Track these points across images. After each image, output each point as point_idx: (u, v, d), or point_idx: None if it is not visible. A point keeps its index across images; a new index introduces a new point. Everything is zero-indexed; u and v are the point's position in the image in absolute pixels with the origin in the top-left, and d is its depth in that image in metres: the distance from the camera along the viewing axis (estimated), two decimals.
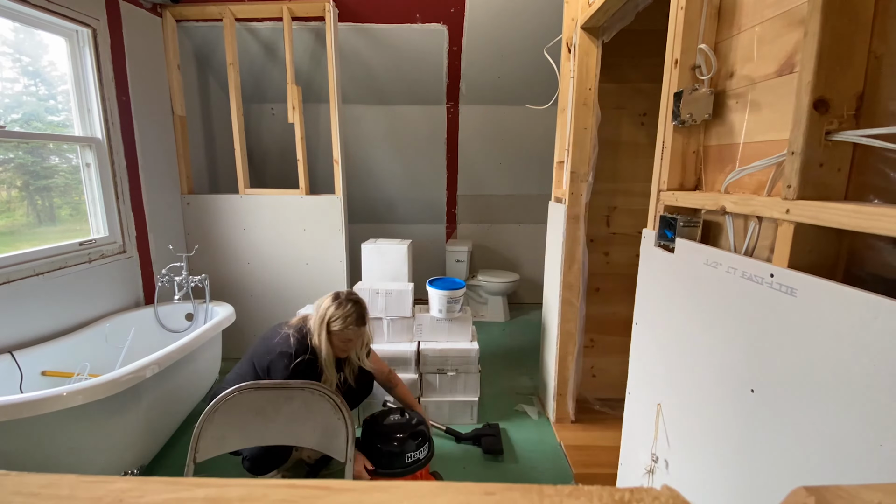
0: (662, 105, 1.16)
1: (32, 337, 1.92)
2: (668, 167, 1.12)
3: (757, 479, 0.82)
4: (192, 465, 1.13)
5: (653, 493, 0.27)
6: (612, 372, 2.50)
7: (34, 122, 2.10)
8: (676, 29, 1.08)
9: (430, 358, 2.23)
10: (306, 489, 0.28)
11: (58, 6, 1.99)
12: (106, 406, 1.58)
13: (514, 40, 3.10)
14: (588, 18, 1.80)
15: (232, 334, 2.90)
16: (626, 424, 1.41)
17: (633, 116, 2.29)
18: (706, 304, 0.97)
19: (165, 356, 1.80)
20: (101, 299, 2.27)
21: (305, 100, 3.17)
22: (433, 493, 0.27)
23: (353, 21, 2.93)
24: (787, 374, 0.74)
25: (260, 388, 1.24)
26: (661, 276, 1.17)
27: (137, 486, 0.28)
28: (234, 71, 2.72)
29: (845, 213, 0.64)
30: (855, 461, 0.62)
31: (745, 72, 0.95)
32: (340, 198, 2.82)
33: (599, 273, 2.42)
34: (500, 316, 3.84)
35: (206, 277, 2.47)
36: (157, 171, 2.65)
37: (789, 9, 0.83)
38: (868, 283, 0.66)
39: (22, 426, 1.41)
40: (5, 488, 0.28)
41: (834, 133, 0.72)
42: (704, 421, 0.98)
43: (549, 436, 2.20)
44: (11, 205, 2.02)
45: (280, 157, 3.86)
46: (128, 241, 2.43)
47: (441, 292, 2.22)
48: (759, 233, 0.89)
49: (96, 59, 2.21)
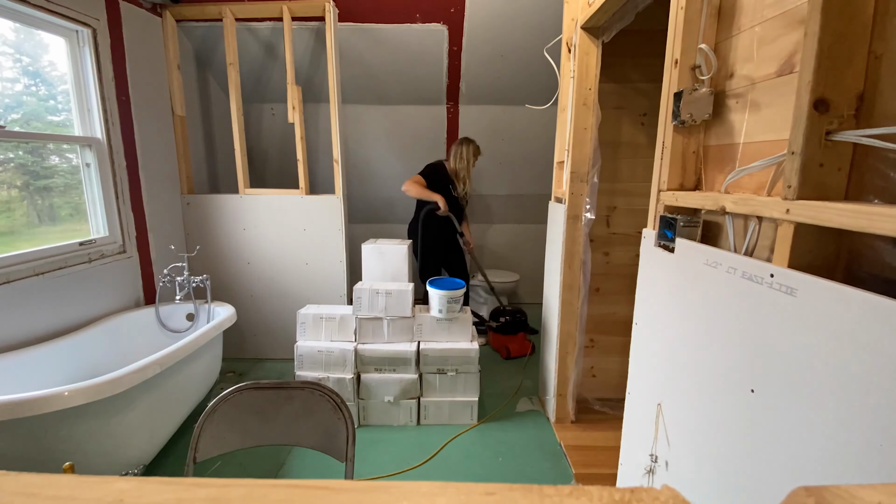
0: (662, 105, 1.16)
1: (32, 337, 1.92)
2: (668, 167, 1.12)
3: (757, 479, 0.82)
4: (192, 465, 1.13)
5: (653, 493, 0.27)
6: (612, 372, 2.50)
7: (34, 122, 2.10)
8: (676, 29, 1.08)
9: (430, 358, 2.23)
10: (306, 489, 0.28)
11: (58, 6, 1.99)
12: (106, 406, 1.58)
13: (514, 40, 3.10)
14: (588, 18, 1.80)
15: (232, 334, 2.90)
16: (626, 424, 1.41)
17: (633, 116, 2.29)
18: (706, 303, 0.97)
19: (167, 356, 1.80)
20: (101, 299, 2.27)
21: (305, 100, 3.17)
22: (433, 493, 0.27)
23: (353, 21, 2.93)
24: (787, 374, 0.74)
25: (260, 388, 1.24)
26: (661, 276, 1.17)
27: (137, 486, 0.28)
28: (234, 71, 2.72)
29: (845, 213, 0.64)
30: (855, 461, 0.62)
31: (745, 72, 0.95)
32: (340, 198, 2.82)
33: (599, 273, 2.42)
34: None
35: (207, 278, 2.47)
36: (157, 171, 2.65)
37: (789, 9, 0.83)
38: (868, 283, 0.66)
39: (22, 426, 1.42)
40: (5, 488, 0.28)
41: (834, 133, 0.72)
42: (704, 421, 0.98)
43: (549, 436, 2.20)
44: (11, 205, 2.02)
45: (280, 157, 3.86)
46: (128, 241, 2.43)
47: (441, 292, 2.22)
48: (759, 233, 0.89)
49: (96, 59, 2.21)
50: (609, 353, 2.49)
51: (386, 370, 2.24)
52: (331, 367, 2.23)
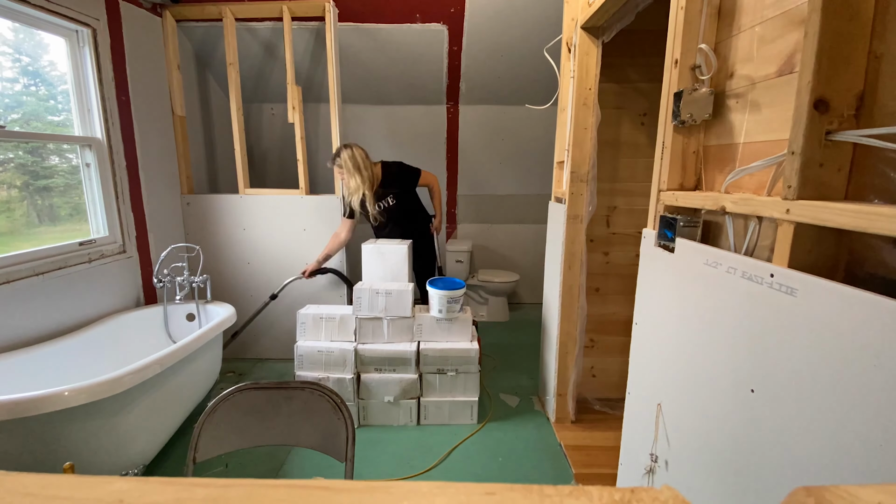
0: (662, 105, 1.16)
1: (32, 337, 1.92)
2: (668, 167, 1.12)
3: (757, 479, 0.82)
4: (192, 465, 1.13)
5: (653, 493, 0.27)
6: (612, 372, 2.50)
7: (34, 122, 2.10)
8: (676, 29, 1.08)
9: (430, 358, 2.23)
10: (306, 489, 0.28)
11: (58, 6, 1.99)
12: (106, 406, 1.58)
13: (514, 40, 3.10)
14: (588, 18, 1.80)
15: None
16: (626, 424, 1.41)
17: (633, 116, 2.29)
18: (706, 303, 0.97)
19: (167, 356, 1.80)
20: (101, 299, 2.27)
21: (305, 100, 3.17)
22: (433, 493, 0.27)
23: (353, 21, 2.93)
24: (788, 374, 0.74)
25: (259, 388, 1.24)
26: (661, 276, 1.17)
27: (137, 486, 0.28)
28: (234, 71, 2.72)
29: (845, 213, 0.64)
30: (855, 461, 0.62)
31: (745, 72, 0.95)
32: (340, 198, 2.82)
33: (599, 273, 2.42)
34: (500, 316, 3.84)
35: (207, 278, 2.47)
36: (157, 171, 2.65)
37: (789, 9, 0.83)
38: (868, 283, 0.66)
39: (22, 426, 1.42)
40: (5, 488, 0.28)
41: (834, 133, 0.72)
42: (704, 421, 0.98)
43: (549, 436, 2.20)
44: (11, 205, 2.02)
45: (280, 157, 3.86)
46: (128, 241, 2.43)
47: (441, 292, 2.22)
48: (759, 233, 0.89)
49: (96, 59, 2.21)
50: (609, 353, 2.49)
51: (386, 370, 2.24)
52: (331, 368, 2.23)
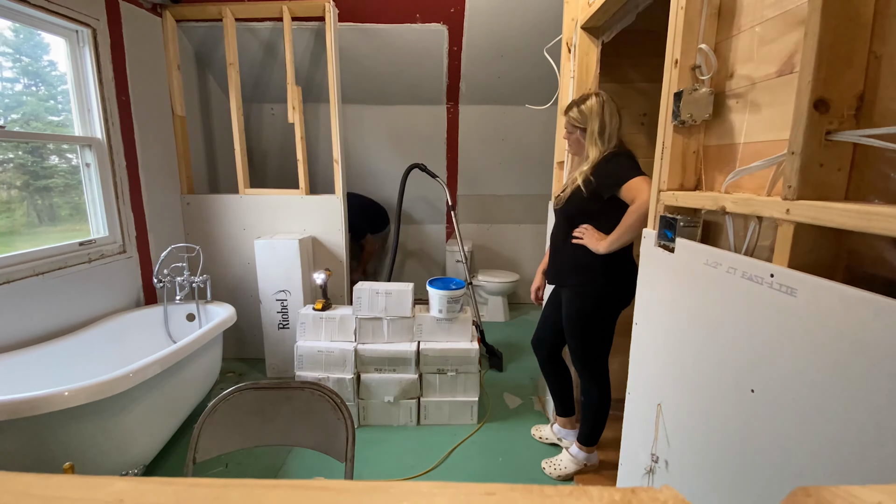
0: (662, 105, 1.16)
1: (32, 337, 1.92)
2: (668, 167, 1.12)
3: (757, 480, 0.82)
4: (192, 465, 1.13)
5: (653, 493, 0.27)
6: (613, 372, 2.49)
7: (34, 122, 2.10)
8: (676, 29, 1.08)
9: (430, 358, 2.23)
10: (306, 489, 0.28)
11: (58, 6, 1.99)
12: (106, 406, 1.58)
13: (513, 40, 3.10)
14: (588, 18, 1.79)
15: (232, 335, 2.90)
16: (626, 424, 1.41)
17: (633, 116, 2.29)
18: (706, 304, 0.97)
19: (167, 356, 1.80)
20: (101, 299, 2.27)
21: (305, 100, 3.17)
22: (433, 493, 0.27)
23: (353, 21, 2.93)
24: (788, 374, 0.74)
25: (259, 388, 1.24)
26: (661, 276, 1.17)
27: (137, 487, 0.28)
28: (234, 71, 2.72)
29: (845, 213, 0.64)
30: (855, 461, 0.62)
31: (745, 72, 0.95)
32: (340, 198, 2.82)
33: None
34: (501, 316, 3.84)
35: (207, 278, 2.47)
36: (157, 171, 2.65)
37: (789, 9, 0.83)
38: (868, 283, 0.66)
39: (22, 426, 1.41)
40: (5, 488, 0.28)
41: (834, 133, 0.72)
42: (704, 421, 0.98)
43: None
44: (11, 205, 2.02)
45: (280, 157, 3.86)
46: (128, 241, 2.43)
47: (441, 292, 2.22)
48: (759, 233, 0.89)
49: (96, 59, 2.21)
50: (609, 353, 2.49)
51: (386, 370, 2.24)
52: (331, 367, 2.23)
